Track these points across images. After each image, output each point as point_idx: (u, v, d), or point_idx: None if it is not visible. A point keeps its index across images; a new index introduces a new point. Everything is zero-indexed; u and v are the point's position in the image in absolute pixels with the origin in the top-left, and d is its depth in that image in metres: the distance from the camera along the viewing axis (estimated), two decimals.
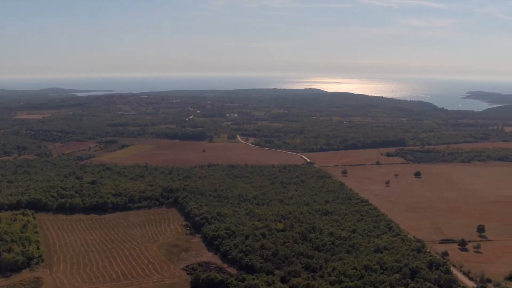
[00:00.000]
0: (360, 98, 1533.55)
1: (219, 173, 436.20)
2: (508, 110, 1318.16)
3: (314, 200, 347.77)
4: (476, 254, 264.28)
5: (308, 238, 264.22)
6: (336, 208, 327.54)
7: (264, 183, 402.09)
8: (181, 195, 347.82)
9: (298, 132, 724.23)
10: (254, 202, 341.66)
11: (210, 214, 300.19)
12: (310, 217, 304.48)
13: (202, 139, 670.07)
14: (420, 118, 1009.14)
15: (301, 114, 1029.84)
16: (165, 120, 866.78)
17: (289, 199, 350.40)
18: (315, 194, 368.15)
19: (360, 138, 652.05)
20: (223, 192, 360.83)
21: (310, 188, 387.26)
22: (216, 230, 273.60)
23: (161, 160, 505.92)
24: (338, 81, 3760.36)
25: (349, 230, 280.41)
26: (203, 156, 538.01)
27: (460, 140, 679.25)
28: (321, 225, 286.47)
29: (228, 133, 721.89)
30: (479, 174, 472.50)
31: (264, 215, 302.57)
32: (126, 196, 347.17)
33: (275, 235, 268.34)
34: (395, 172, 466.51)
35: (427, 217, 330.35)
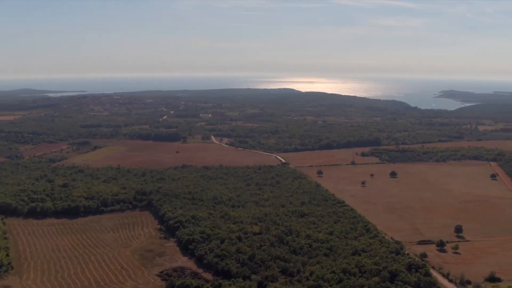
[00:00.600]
0: (333, 97, 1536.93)
1: (193, 175, 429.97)
2: (481, 109, 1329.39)
3: (290, 202, 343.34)
4: (455, 255, 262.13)
5: (284, 241, 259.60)
6: (313, 209, 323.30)
7: (239, 184, 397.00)
8: (154, 198, 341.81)
9: (273, 132, 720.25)
10: (229, 204, 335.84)
11: (184, 217, 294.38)
12: (286, 219, 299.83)
13: (176, 140, 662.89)
14: (394, 117, 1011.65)
15: (276, 114, 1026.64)
16: (138, 121, 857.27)
17: (265, 201, 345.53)
18: (291, 195, 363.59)
19: (334, 138, 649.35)
20: (197, 194, 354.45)
21: (286, 189, 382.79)
22: (190, 234, 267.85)
23: (134, 162, 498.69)
24: (312, 81, 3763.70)
25: (326, 232, 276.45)
26: (177, 157, 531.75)
27: (434, 139, 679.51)
28: (297, 227, 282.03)
29: (202, 133, 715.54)
30: (455, 174, 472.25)
31: (239, 218, 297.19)
32: (99, 199, 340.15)
33: (251, 238, 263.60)
34: (371, 172, 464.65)
35: (404, 217, 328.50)
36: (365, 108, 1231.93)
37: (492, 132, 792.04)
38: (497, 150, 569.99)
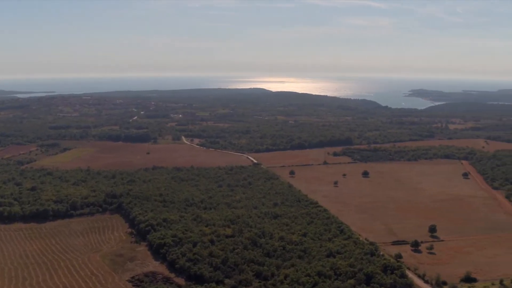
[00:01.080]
0: (304, 97, 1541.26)
1: (164, 176, 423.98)
2: (451, 107, 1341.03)
3: (262, 203, 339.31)
4: (430, 255, 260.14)
5: (258, 244, 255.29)
6: (286, 211, 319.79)
7: (211, 186, 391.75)
8: (125, 200, 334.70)
9: (244, 132, 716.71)
10: (201, 206, 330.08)
11: (155, 220, 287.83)
12: (259, 221, 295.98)
13: (146, 140, 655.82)
14: (365, 116, 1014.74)
15: (246, 114, 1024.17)
16: (108, 122, 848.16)
17: (237, 203, 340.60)
18: (263, 196, 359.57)
19: (306, 138, 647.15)
20: (168, 196, 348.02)
21: (258, 190, 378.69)
22: (162, 237, 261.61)
23: (104, 164, 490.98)
24: (282, 80, 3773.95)
25: (299, 234, 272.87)
26: (148, 159, 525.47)
27: (405, 138, 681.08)
28: (271, 229, 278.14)
29: (172, 134, 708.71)
30: (427, 173, 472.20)
31: (212, 220, 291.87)
32: (68, 202, 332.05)
33: (224, 241, 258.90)
34: (343, 172, 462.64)
35: (377, 217, 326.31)
36: (336, 107, 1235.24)
37: (462, 130, 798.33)
38: (468, 149, 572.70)
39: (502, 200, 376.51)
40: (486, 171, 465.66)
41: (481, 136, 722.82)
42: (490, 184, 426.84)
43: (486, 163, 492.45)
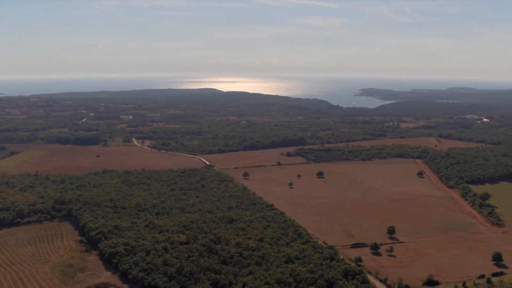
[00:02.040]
0: (256, 97, 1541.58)
1: (114, 180, 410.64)
2: (401, 106, 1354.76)
3: (217, 207, 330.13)
4: (390, 258, 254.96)
5: (214, 251, 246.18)
6: (241, 214, 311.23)
7: (163, 189, 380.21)
8: (74, 207, 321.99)
9: (196, 134, 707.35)
10: (154, 211, 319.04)
11: (106, 227, 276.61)
12: (214, 226, 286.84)
13: (96, 143, 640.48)
14: (317, 116, 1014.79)
15: (198, 114, 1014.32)
16: (57, 124, 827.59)
17: (191, 207, 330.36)
18: (218, 200, 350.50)
19: (259, 138, 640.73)
20: (119, 201, 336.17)
21: (212, 193, 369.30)
22: (113, 246, 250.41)
23: (53, 168, 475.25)
24: (234, 80, 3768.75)
25: (256, 239, 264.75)
26: (98, 162, 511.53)
27: (358, 137, 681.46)
28: (226, 234, 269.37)
29: (123, 136, 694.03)
30: (381, 172, 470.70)
31: (165, 227, 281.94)
32: (14, 210, 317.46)
33: (178, 248, 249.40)
34: (297, 172, 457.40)
35: (335, 219, 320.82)
36: (288, 107, 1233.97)
37: (414, 129, 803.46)
38: (421, 148, 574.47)
39: (458, 199, 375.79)
40: (441, 169, 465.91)
41: (433, 134, 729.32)
42: (445, 183, 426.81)
43: (440, 161, 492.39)
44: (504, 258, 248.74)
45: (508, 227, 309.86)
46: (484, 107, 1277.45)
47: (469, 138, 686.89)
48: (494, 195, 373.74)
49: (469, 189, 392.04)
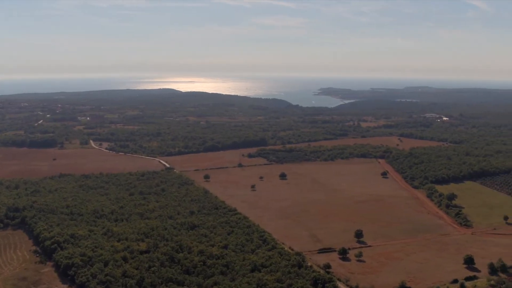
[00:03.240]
0: (215, 97, 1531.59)
1: (71, 185, 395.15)
2: (361, 105, 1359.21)
3: (178, 212, 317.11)
4: (360, 264, 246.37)
5: (176, 260, 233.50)
6: (203, 220, 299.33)
7: (122, 194, 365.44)
8: (28, 214, 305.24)
9: (155, 135, 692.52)
10: (112, 218, 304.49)
11: (62, 236, 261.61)
12: (175, 232, 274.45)
13: (53, 146, 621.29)
14: (277, 116, 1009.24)
15: (157, 115, 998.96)
16: (12, 126, 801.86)
17: (151, 212, 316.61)
18: (179, 204, 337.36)
19: (219, 139, 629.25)
20: (76, 208, 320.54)
21: (173, 197, 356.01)
22: (70, 256, 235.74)
23: (7, 172, 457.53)
24: (192, 80, 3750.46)
25: (220, 246, 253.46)
26: (54, 165, 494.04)
27: (319, 137, 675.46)
28: (188, 242, 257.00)
29: (80, 138, 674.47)
30: (344, 173, 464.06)
31: (124, 234, 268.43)
32: None
33: (138, 258, 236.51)
34: (260, 174, 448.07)
35: (300, 223, 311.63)
36: (248, 107, 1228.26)
37: (375, 128, 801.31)
38: (383, 147, 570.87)
39: (424, 200, 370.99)
40: (404, 169, 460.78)
41: (394, 133, 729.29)
42: (409, 183, 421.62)
43: (403, 161, 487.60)
44: (476, 261, 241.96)
45: (476, 228, 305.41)
46: (442, 106, 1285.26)
47: (430, 137, 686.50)
48: (460, 195, 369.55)
49: (435, 189, 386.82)
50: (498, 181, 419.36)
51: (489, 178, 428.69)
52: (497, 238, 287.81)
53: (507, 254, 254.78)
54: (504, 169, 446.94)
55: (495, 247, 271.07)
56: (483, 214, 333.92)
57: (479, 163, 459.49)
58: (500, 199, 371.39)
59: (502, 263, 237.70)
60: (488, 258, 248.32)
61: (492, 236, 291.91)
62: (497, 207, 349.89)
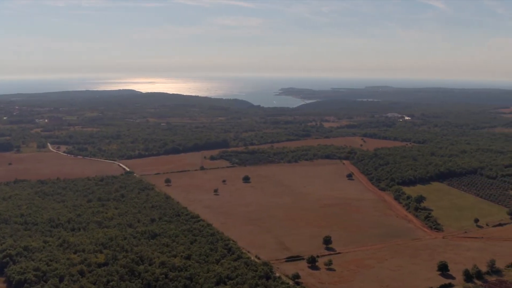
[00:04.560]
0: (176, 98, 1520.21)
1: (26, 191, 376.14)
2: (322, 105, 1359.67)
3: (138, 220, 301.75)
4: (330, 273, 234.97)
5: (136, 273, 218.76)
6: (165, 228, 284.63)
7: (79, 201, 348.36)
8: None
9: (115, 137, 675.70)
10: (69, 227, 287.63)
11: (14, 249, 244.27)
12: (135, 242, 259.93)
13: (9, 149, 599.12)
14: (238, 116, 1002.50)
15: (117, 117, 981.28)
16: None
17: (109, 220, 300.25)
18: (139, 211, 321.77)
19: (180, 141, 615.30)
20: (31, 216, 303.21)
21: (132, 204, 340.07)
22: (23, 271, 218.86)
23: None
24: (152, 81, 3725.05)
25: (183, 256, 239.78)
26: (10, 170, 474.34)
27: (282, 138, 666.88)
28: (149, 252, 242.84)
29: (37, 141, 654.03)
30: (309, 175, 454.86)
31: (81, 245, 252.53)
32: None
33: (96, 272, 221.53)
34: (222, 177, 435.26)
35: (266, 229, 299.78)
36: (209, 107, 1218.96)
37: (337, 128, 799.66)
38: (347, 148, 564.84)
39: (392, 202, 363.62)
40: (370, 171, 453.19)
41: (357, 133, 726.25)
42: (376, 185, 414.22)
43: (368, 162, 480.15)
44: (450, 268, 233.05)
45: (447, 232, 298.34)
46: (403, 105, 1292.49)
47: (394, 137, 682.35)
48: (428, 197, 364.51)
49: (402, 191, 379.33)
50: (465, 182, 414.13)
51: (455, 178, 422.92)
52: (469, 242, 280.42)
53: (481, 259, 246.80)
54: (470, 169, 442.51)
55: (468, 251, 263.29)
56: (453, 216, 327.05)
57: (445, 164, 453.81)
58: (468, 201, 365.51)
59: (478, 269, 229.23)
60: (462, 263, 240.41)
61: (464, 240, 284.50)
62: (466, 209, 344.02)
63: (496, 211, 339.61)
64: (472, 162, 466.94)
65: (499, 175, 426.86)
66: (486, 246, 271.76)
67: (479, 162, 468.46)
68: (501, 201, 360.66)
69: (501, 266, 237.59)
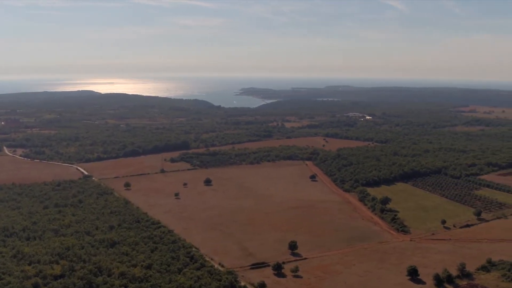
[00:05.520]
0: (135, 98, 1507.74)
1: None
2: (283, 105, 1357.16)
3: (96, 227, 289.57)
4: (297, 280, 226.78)
5: (94, 285, 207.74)
6: (124, 235, 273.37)
7: (35, 207, 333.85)
8: None
9: (73, 140, 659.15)
10: (23, 236, 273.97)
11: None
12: (93, 252, 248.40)
13: None
14: (199, 117, 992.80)
15: (75, 118, 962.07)
16: None
17: (66, 228, 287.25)
18: (97, 218, 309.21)
19: (140, 143, 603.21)
20: None
21: (91, 210, 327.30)
22: None
23: None
24: (112, 82, 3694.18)
25: (143, 265, 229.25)
26: None
27: (244, 139, 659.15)
28: (108, 262, 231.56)
29: None
30: (272, 176, 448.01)
31: (36, 256, 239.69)
32: None
33: (51, 285, 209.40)
34: (183, 180, 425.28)
35: (229, 234, 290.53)
36: (169, 108, 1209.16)
37: (299, 129, 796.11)
38: (310, 149, 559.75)
39: (357, 204, 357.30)
40: (333, 172, 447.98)
41: (319, 133, 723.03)
42: (340, 186, 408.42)
43: (331, 163, 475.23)
44: (420, 272, 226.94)
45: (414, 234, 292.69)
46: (364, 105, 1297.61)
47: (356, 136, 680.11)
48: (393, 198, 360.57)
49: (367, 193, 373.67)
50: (430, 182, 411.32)
51: (420, 179, 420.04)
52: (437, 244, 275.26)
53: (450, 261, 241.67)
54: (434, 169, 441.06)
55: (437, 254, 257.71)
56: (419, 218, 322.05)
57: (409, 164, 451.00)
58: (434, 201, 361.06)
59: (448, 273, 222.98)
60: (432, 267, 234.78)
61: (432, 242, 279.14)
62: (432, 209, 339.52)
63: (462, 211, 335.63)
64: (436, 161, 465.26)
65: (463, 174, 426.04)
66: (455, 248, 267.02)
67: (442, 161, 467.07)
68: (467, 201, 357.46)
69: (472, 269, 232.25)
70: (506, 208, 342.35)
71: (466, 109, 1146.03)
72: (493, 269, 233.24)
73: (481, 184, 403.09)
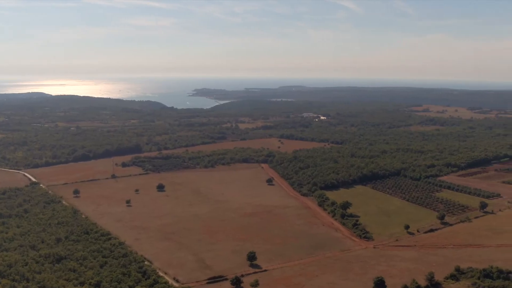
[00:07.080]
0: (86, 100, 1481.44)
1: None
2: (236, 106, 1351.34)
3: (42, 240, 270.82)
4: None
5: None
6: (71, 249, 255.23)
7: None
8: None
9: (21, 144, 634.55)
10: None
11: None
12: (38, 269, 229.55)
13: None
14: (151, 119, 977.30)
15: (24, 121, 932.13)
16: None
17: (10, 242, 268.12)
18: (43, 229, 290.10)
19: (90, 147, 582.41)
20: None
21: (37, 221, 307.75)
22: None
23: None
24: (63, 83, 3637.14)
25: (92, 283, 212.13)
26: None
27: (197, 141, 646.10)
28: (53, 281, 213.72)
29: None
30: (227, 181, 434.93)
31: None
32: None
33: None
34: (135, 186, 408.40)
35: (184, 245, 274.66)
36: (121, 110, 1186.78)
37: (253, 130, 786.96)
38: (265, 151, 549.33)
39: (316, 209, 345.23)
40: (290, 175, 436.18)
41: (273, 135, 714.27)
42: (297, 190, 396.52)
43: (288, 166, 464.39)
44: (387, 283, 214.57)
45: (377, 240, 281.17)
46: (318, 105, 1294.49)
47: (311, 137, 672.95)
48: (353, 201, 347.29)
49: (326, 197, 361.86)
50: (389, 184, 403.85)
51: (379, 181, 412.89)
52: (402, 251, 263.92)
53: (417, 270, 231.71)
54: (393, 171, 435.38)
55: (402, 262, 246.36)
56: (382, 223, 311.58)
57: (368, 166, 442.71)
58: (395, 204, 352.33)
59: (417, 284, 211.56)
60: (398, 277, 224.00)
61: (396, 249, 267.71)
62: (394, 213, 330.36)
63: (424, 215, 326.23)
64: (394, 163, 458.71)
65: (422, 176, 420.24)
66: (420, 255, 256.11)
67: (401, 163, 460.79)
68: (429, 204, 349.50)
69: (440, 278, 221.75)
70: (469, 211, 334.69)
71: (420, 109, 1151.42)
72: (463, 278, 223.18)
73: (442, 186, 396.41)
